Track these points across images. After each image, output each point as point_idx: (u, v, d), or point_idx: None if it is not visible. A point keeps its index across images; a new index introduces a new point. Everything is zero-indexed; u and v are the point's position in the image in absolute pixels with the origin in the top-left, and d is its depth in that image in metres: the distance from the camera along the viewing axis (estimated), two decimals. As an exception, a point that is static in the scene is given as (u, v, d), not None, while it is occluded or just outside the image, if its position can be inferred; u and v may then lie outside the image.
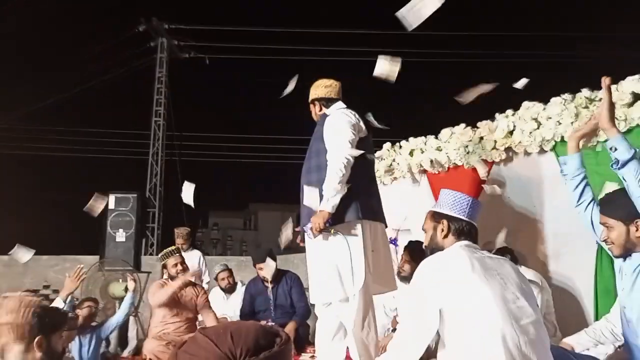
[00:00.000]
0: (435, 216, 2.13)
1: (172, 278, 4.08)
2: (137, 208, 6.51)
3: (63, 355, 2.27)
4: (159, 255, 4.27)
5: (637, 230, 2.02)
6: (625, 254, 2.10)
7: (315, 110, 3.21)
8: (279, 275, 4.51)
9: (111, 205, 6.41)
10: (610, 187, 3.17)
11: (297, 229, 3.03)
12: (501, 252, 3.25)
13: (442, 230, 2.09)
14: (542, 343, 1.80)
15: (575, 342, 2.60)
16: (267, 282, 4.47)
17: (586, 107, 3.34)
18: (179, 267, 4.08)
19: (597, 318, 3.05)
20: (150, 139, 12.35)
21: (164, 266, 4.19)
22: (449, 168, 4.26)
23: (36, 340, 2.01)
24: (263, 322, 4.15)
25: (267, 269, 4.41)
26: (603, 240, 2.19)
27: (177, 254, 4.14)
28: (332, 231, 2.76)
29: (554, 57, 13.86)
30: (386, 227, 3.14)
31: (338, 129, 2.91)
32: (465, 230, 2.05)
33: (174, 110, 12.50)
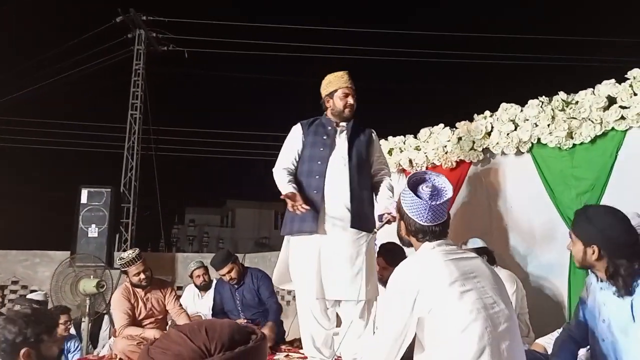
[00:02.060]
0: (400, 210, 2.07)
1: (135, 286, 3.87)
2: (110, 203, 6.37)
3: (60, 356, 2.14)
4: (118, 263, 3.90)
5: (593, 253, 2.04)
6: (583, 268, 2.16)
7: (354, 103, 3.08)
8: (244, 273, 4.41)
9: (83, 200, 6.26)
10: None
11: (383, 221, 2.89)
12: (479, 252, 3.26)
13: (404, 229, 2.05)
14: (518, 348, 1.81)
15: (548, 343, 2.62)
16: (233, 283, 4.36)
17: (562, 109, 3.38)
18: (142, 275, 3.82)
19: (569, 318, 3.08)
20: (126, 132, 12.14)
21: (125, 273, 3.90)
22: (427, 168, 4.27)
23: (22, 352, 1.90)
24: (239, 321, 4.09)
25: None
26: (568, 248, 2.22)
27: (139, 261, 3.84)
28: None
29: (532, 59, 14.06)
30: None
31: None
32: (427, 232, 1.97)
33: (150, 104, 12.31)
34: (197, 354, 0.84)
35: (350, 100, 3.05)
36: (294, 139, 3.13)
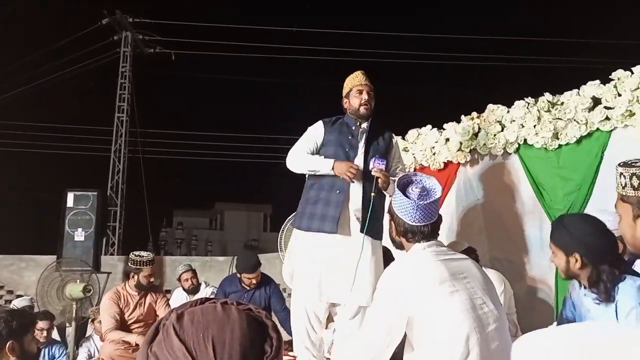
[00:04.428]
0: (390, 210, 2.09)
1: (140, 287, 3.93)
2: (97, 206, 6.31)
3: (38, 356, 2.22)
4: (131, 256, 3.99)
5: (576, 262, 2.01)
6: (569, 279, 2.12)
7: (370, 99, 3.03)
8: (261, 280, 4.41)
9: (69, 204, 6.20)
10: None
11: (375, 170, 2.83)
12: (465, 252, 3.28)
13: (394, 230, 2.07)
14: (507, 348, 1.81)
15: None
16: (250, 287, 4.34)
17: (548, 110, 3.41)
18: (152, 279, 3.96)
19: (557, 318, 3.11)
20: (113, 135, 12.05)
21: (136, 272, 3.96)
22: (415, 169, 4.28)
23: (8, 345, 2.00)
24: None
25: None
26: (551, 261, 2.18)
27: (152, 265, 3.97)
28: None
29: (518, 61, 14.19)
30: None
31: None
32: (416, 232, 1.99)
33: (137, 107, 12.23)
34: None
35: (365, 96, 3.00)
36: (315, 134, 3.07)
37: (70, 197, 6.25)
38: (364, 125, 3.03)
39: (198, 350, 0.73)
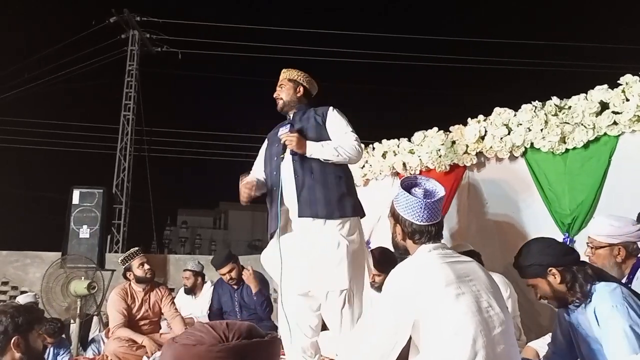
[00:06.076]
0: (394, 214, 2.06)
1: (139, 280, 3.93)
2: (102, 204, 6.32)
3: (44, 353, 2.23)
4: (120, 260, 4.03)
5: (554, 277, 2.00)
6: (564, 304, 2.05)
7: (291, 91, 2.97)
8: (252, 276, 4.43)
9: (75, 201, 6.21)
10: None
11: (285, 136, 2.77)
12: (468, 254, 3.26)
13: (400, 232, 2.05)
14: (513, 351, 1.82)
15: (539, 346, 2.63)
16: (232, 284, 4.39)
17: (555, 114, 3.40)
18: (146, 266, 3.94)
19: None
20: (119, 133, 12.10)
21: (129, 269, 3.98)
22: (421, 171, 4.28)
23: (13, 340, 2.01)
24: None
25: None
26: (539, 299, 2.13)
27: (141, 254, 3.98)
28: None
29: (526, 64, 14.15)
30: None
31: (348, 123, 2.92)
32: (424, 232, 1.98)
33: (144, 105, 12.28)
34: (216, 340, 0.98)
35: (278, 89, 3.01)
36: (261, 151, 3.15)
37: (75, 194, 6.26)
38: (291, 114, 2.99)
39: (214, 325, 1.02)
